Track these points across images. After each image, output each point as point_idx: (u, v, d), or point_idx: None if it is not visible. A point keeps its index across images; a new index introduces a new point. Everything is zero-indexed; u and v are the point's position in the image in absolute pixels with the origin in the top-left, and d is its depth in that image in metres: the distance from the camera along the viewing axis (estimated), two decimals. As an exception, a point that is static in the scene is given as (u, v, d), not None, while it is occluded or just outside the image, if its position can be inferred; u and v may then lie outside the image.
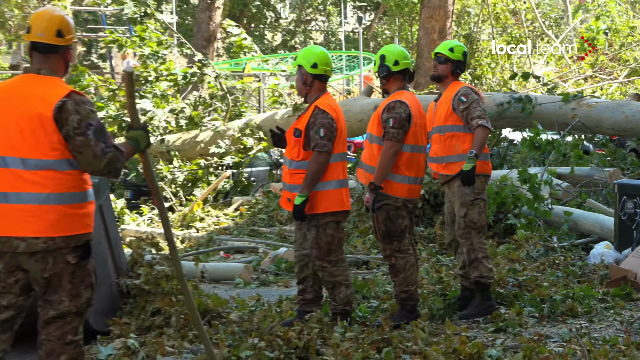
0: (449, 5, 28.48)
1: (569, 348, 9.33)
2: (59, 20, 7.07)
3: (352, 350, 9.04)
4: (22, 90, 6.95)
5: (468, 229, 10.66)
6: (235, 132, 21.90)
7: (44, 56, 7.01)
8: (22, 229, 6.73)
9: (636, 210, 13.28)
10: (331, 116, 9.97)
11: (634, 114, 18.73)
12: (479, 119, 10.47)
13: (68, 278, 6.87)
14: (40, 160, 6.74)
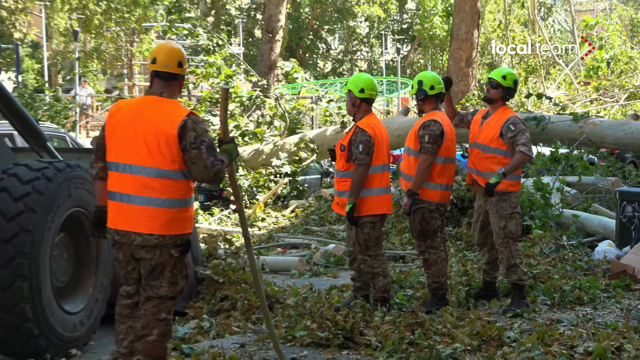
0: (475, 38, 28.39)
1: (577, 331, 9.29)
2: (179, 53, 7.41)
3: (390, 332, 9.04)
4: (148, 109, 7.24)
5: (507, 239, 10.58)
6: (291, 146, 21.94)
7: (166, 82, 7.33)
8: (140, 226, 7.10)
9: (635, 213, 13.25)
10: (369, 134, 10.05)
11: (632, 131, 18.85)
12: (523, 146, 10.40)
13: (170, 268, 7.22)
14: (161, 170, 7.09)
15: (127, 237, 7.18)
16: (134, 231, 7.14)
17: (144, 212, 7.13)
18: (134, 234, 7.13)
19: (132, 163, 7.15)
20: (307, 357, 8.56)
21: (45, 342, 8.71)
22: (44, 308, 8.71)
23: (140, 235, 7.12)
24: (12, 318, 8.51)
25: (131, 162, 7.15)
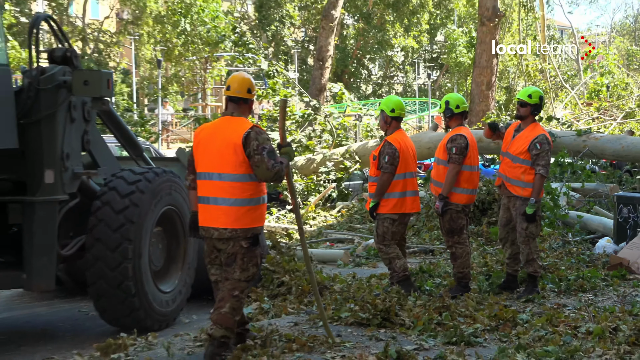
0: (494, 66, 28.34)
1: (580, 314, 9.33)
2: (248, 82, 7.80)
3: (421, 314, 9.09)
4: (222, 127, 7.64)
5: (528, 238, 10.51)
6: (338, 156, 21.98)
7: (237, 105, 7.70)
8: (217, 222, 7.51)
9: (630, 214, 13.18)
10: (395, 147, 10.17)
11: (628, 145, 18.85)
12: (542, 167, 10.32)
13: (240, 257, 7.52)
14: (231, 175, 7.46)
15: (209, 232, 7.56)
16: (212, 226, 7.52)
17: (219, 210, 7.48)
18: (213, 229, 7.52)
19: (210, 171, 7.54)
20: (351, 334, 8.57)
21: (144, 314, 9.25)
22: (143, 286, 9.25)
23: (217, 230, 7.50)
24: (119, 293, 9.04)
25: (210, 170, 7.55)
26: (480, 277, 11.43)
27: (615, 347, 7.89)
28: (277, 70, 26.53)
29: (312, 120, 24.67)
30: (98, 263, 9.15)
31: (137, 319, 9.27)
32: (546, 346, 7.83)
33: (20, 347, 9.20)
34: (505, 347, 7.80)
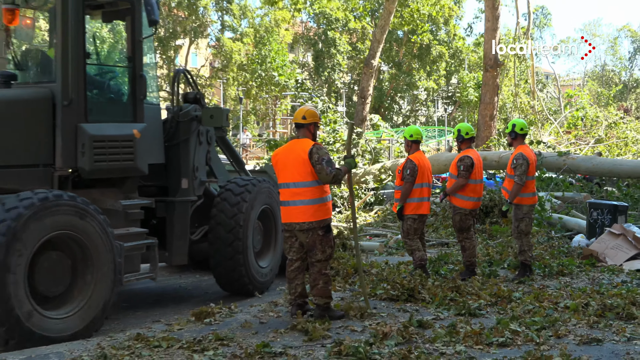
0: (495, 102, 28.24)
1: (559, 293, 9.29)
2: (302, 111, 8.06)
3: (438, 291, 9.07)
4: (292, 148, 7.91)
5: (519, 234, 10.53)
6: (375, 170, 21.99)
7: (299, 129, 8.02)
8: (296, 218, 7.76)
9: (598, 217, 13.04)
10: (415, 163, 10.17)
11: (597, 164, 18.80)
12: (517, 177, 10.33)
13: (319, 242, 7.79)
14: (304, 182, 7.72)
15: (291, 226, 7.82)
16: (294, 222, 7.76)
17: (297, 209, 7.73)
18: (294, 224, 7.77)
19: (288, 181, 7.80)
20: (384, 307, 8.58)
21: (248, 281, 10.02)
22: (248, 260, 9.94)
23: (298, 224, 7.75)
24: (231, 264, 9.81)
25: (288, 181, 7.80)
26: (483, 264, 11.39)
27: (587, 318, 7.92)
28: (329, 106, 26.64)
29: (356, 143, 24.70)
30: (218, 241, 9.90)
31: (243, 284, 10.04)
32: (533, 317, 7.83)
33: (136, 312, 9.35)
34: (502, 318, 7.79)
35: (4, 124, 7.86)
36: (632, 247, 11.71)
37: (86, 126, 8.21)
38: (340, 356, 6.49)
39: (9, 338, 6.98)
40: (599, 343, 6.96)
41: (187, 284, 11.60)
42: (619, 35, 75.84)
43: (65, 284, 7.67)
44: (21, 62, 8.87)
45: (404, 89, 56.73)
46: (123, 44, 9.34)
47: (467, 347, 6.78)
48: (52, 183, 8.18)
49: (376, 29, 31.62)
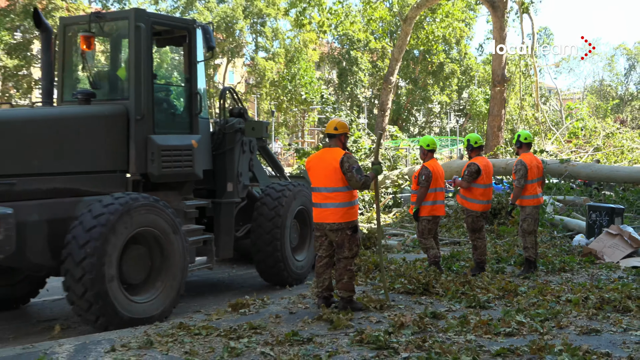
0: (502, 115, 28.02)
1: (561, 287, 9.19)
2: (334, 123, 8.01)
3: (450, 286, 9.02)
4: (324, 155, 7.89)
5: (523, 233, 10.50)
6: (394, 176, 21.89)
7: (331, 139, 7.99)
8: (328, 219, 7.76)
9: (597, 218, 12.90)
10: (429, 170, 10.09)
11: (596, 170, 18.60)
12: (516, 180, 10.43)
13: (347, 241, 7.80)
14: (335, 187, 7.72)
15: (322, 226, 7.82)
16: (325, 222, 7.76)
17: (329, 211, 7.74)
18: (325, 224, 7.77)
19: (321, 186, 7.79)
20: (402, 299, 8.54)
21: (287, 274, 10.28)
22: (285, 256, 10.19)
23: (329, 224, 7.75)
24: (272, 259, 10.10)
25: (320, 185, 7.80)
26: (492, 261, 11.28)
27: (586, 310, 7.84)
28: (352, 119, 26.60)
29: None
30: (259, 241, 10.25)
31: (282, 277, 10.34)
32: (537, 309, 7.77)
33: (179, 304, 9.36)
34: (509, 309, 7.73)
35: (88, 135, 8.23)
36: (627, 246, 11.59)
37: (155, 137, 8.64)
38: (362, 344, 6.49)
39: (100, 315, 7.44)
40: (597, 333, 6.89)
41: (225, 277, 11.63)
42: (615, 53, 75.34)
43: (146, 273, 8.16)
44: (95, 82, 9.17)
45: (420, 103, 56.55)
46: (181, 66, 9.71)
47: (477, 336, 6.74)
48: (127, 186, 8.57)
49: (394, 48, 31.55)
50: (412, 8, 30.20)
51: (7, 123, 7.58)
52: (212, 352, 6.33)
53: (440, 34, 44.63)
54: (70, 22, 9.43)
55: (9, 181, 7.41)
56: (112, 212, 7.51)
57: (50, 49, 9.04)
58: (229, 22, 50.26)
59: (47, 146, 7.82)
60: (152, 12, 9.05)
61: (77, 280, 7.33)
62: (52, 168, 7.85)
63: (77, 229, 7.45)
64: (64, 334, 7.71)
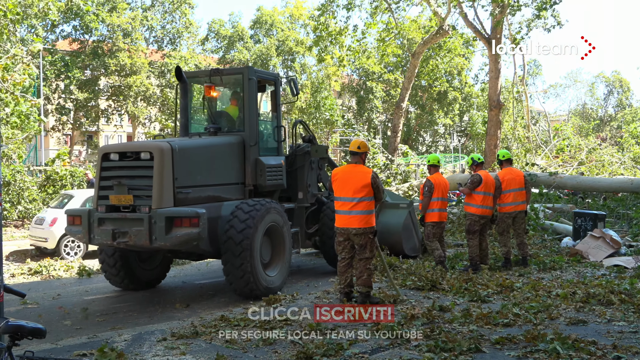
0: (498, 134, 27.77)
1: (552, 283, 9.01)
2: (356, 142, 7.91)
3: (455, 282, 8.88)
4: (351, 170, 7.78)
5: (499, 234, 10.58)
6: (405, 189, 21.72)
7: (354, 156, 7.88)
8: (352, 224, 7.61)
9: (582, 223, 12.68)
10: (431, 182, 10.10)
11: (580, 182, 18.33)
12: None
13: (369, 243, 7.67)
14: (361, 197, 7.59)
15: (347, 230, 7.65)
16: (350, 227, 7.61)
17: (354, 217, 7.60)
18: (351, 229, 7.62)
19: (348, 196, 7.63)
20: (412, 294, 8.40)
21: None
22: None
23: (355, 229, 7.60)
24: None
25: (348, 195, 7.63)
26: (490, 260, 11.06)
27: (574, 303, 7.65)
28: (368, 139, 26.47)
29: (390, 167, 24.49)
30: (324, 236, 10.88)
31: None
32: (531, 303, 7.58)
33: (220, 299, 9.26)
34: (506, 303, 7.55)
35: (224, 157, 9.51)
36: (609, 247, 11.35)
37: (263, 158, 9.92)
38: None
39: (248, 284, 8.63)
40: (584, 324, 6.71)
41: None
42: (596, 80, 74.60)
43: (269, 256, 9.36)
44: (214, 119, 10.40)
45: (427, 125, 56.21)
46: (269, 106, 10.94)
47: (479, 326, 6.60)
48: (245, 194, 9.78)
49: (405, 79, 31.43)
50: (420, 44, 30.08)
51: (185, 150, 8.70)
52: (249, 341, 6.25)
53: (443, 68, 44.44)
54: (195, 75, 10.71)
55: (187, 191, 8.61)
56: (258, 210, 8.86)
57: (187, 95, 10.42)
58: (264, 59, 50.48)
59: (205, 165, 9.11)
60: (257, 69, 10.30)
61: (236, 255, 8.54)
62: (208, 181, 9.11)
63: (234, 221, 8.70)
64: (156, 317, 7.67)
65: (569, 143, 28.83)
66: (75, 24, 41.45)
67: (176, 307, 8.66)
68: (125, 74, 42.30)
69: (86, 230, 8.66)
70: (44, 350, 5.95)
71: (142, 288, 9.99)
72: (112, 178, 8.59)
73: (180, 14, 46.75)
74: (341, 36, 30.02)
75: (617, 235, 11.93)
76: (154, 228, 8.12)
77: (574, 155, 26.77)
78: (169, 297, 9.45)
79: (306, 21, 52.12)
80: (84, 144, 51.03)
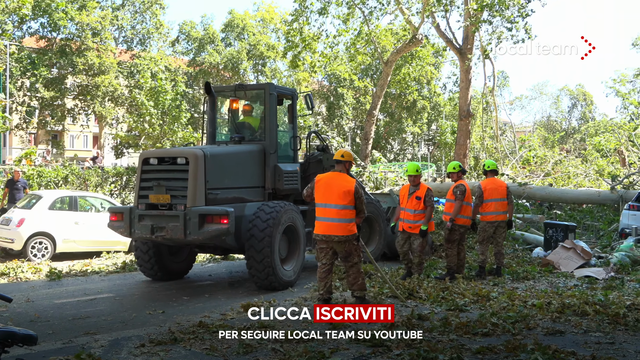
0: (467, 144, 28.06)
1: (527, 293, 9.10)
2: (340, 152, 8.04)
3: (432, 291, 8.88)
4: (334, 177, 7.86)
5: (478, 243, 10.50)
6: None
7: (338, 164, 7.99)
8: (336, 232, 7.69)
9: (553, 234, 12.88)
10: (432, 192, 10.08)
11: (548, 192, 18.52)
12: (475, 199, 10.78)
13: (354, 249, 7.81)
14: (344, 205, 7.66)
15: (330, 237, 7.72)
16: (333, 234, 7.69)
17: (337, 225, 7.68)
18: (333, 236, 7.70)
19: (331, 202, 7.69)
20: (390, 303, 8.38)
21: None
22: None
23: (337, 236, 7.69)
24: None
25: (330, 202, 7.70)
26: (466, 270, 11.10)
27: (550, 314, 7.72)
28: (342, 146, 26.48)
29: (362, 174, 24.54)
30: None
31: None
32: (508, 312, 7.64)
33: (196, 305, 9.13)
34: (484, 313, 7.61)
35: (246, 163, 10.44)
36: (580, 258, 11.53)
37: (281, 165, 10.84)
38: (359, 341, 6.35)
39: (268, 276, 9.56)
40: (562, 334, 6.80)
41: (234, 281, 11.39)
42: (560, 93, 76.11)
43: (286, 253, 10.20)
44: (237, 129, 11.31)
45: (395, 133, 56.55)
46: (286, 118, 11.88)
47: (458, 335, 6.63)
48: (264, 197, 10.67)
49: (377, 87, 31.58)
50: (392, 53, 30.28)
51: (216, 156, 9.73)
52: (229, 347, 6.18)
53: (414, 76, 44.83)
54: (220, 89, 11.72)
55: (217, 192, 9.63)
56: (277, 211, 9.75)
57: (214, 107, 11.43)
58: (235, 63, 50.25)
59: (231, 170, 10.09)
60: (277, 85, 11.31)
61: (258, 251, 9.46)
62: (233, 184, 10.11)
63: (256, 220, 9.61)
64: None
65: (535, 154, 29.30)
66: (44, 21, 40.73)
67: (149, 313, 8.50)
68: (94, 74, 41.67)
69: (127, 225, 9.79)
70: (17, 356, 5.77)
71: (172, 279, 11.06)
72: (151, 180, 9.71)
73: (151, 15, 46.31)
74: (315, 42, 30.02)
75: (587, 246, 12.13)
76: (189, 224, 9.22)
77: (540, 166, 27.24)
78: (142, 302, 9.29)
79: (277, 25, 52.08)
80: (48, 143, 50.04)
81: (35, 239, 13.72)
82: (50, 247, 13.88)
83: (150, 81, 30.53)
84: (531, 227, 15.89)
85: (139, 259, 10.92)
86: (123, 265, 12.64)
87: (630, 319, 7.33)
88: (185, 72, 49.03)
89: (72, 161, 34.25)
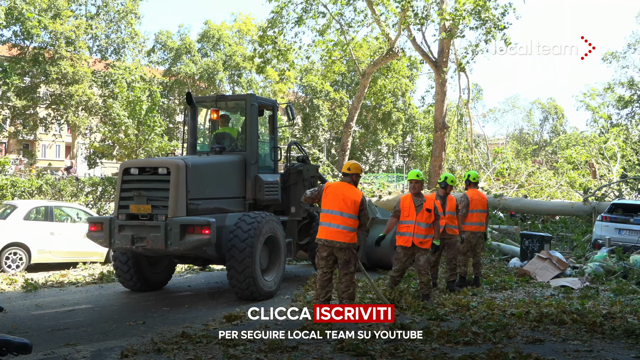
0: (443, 156, 28.34)
1: (505, 302, 9.22)
2: (348, 164, 8.07)
3: (412, 301, 8.95)
4: (342, 187, 7.87)
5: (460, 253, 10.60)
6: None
7: (346, 176, 8.01)
8: (338, 238, 7.68)
9: (529, 245, 13.09)
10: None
11: (523, 204, 19.00)
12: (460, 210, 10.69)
13: (353, 258, 7.79)
14: (350, 214, 7.70)
15: (330, 244, 7.72)
16: (336, 240, 7.70)
17: (340, 232, 7.69)
18: (335, 242, 7.70)
19: (338, 210, 7.71)
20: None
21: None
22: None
23: (339, 243, 7.69)
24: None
25: (337, 209, 7.72)
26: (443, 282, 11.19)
27: (528, 323, 7.84)
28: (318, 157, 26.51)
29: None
30: (316, 247, 10.96)
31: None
32: (488, 322, 7.74)
33: (177, 315, 9.08)
34: (464, 322, 7.70)
35: (226, 174, 10.45)
36: (556, 268, 11.73)
37: (261, 175, 10.94)
38: (343, 351, 6.39)
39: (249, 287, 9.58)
40: (541, 342, 6.91)
41: (214, 291, 11.36)
42: (532, 107, 77.31)
43: (267, 263, 10.23)
44: (218, 140, 11.29)
45: (371, 145, 56.92)
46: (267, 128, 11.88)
47: (440, 344, 6.70)
48: (245, 207, 10.73)
49: (354, 99, 31.76)
50: (370, 65, 30.51)
51: (197, 167, 9.66)
52: (213, 358, 6.17)
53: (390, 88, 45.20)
54: (201, 100, 11.73)
55: (198, 202, 9.61)
56: (259, 222, 9.78)
57: (195, 118, 11.41)
58: (211, 74, 50.18)
59: (212, 180, 10.05)
60: (258, 96, 11.24)
61: (239, 261, 9.46)
62: (214, 194, 10.08)
63: (237, 231, 9.62)
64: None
65: (508, 166, 29.72)
66: (16, 29, 40.26)
67: (129, 324, 8.44)
68: (67, 83, 41.26)
69: (107, 235, 9.74)
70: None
71: (151, 289, 11.05)
72: (132, 190, 9.63)
73: (126, 24, 46.04)
74: (289, 52, 30.07)
75: (563, 257, 12.34)
76: (170, 234, 9.22)
77: (513, 178, 27.61)
78: (122, 313, 9.21)
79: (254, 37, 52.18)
80: (19, 152, 49.33)
81: (10, 249, 13.54)
82: (25, 257, 13.70)
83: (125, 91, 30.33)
84: (507, 237, 16.11)
85: (118, 269, 10.89)
86: (100, 276, 12.53)
87: (607, 327, 7.49)
88: (161, 82, 48.78)
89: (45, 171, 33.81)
